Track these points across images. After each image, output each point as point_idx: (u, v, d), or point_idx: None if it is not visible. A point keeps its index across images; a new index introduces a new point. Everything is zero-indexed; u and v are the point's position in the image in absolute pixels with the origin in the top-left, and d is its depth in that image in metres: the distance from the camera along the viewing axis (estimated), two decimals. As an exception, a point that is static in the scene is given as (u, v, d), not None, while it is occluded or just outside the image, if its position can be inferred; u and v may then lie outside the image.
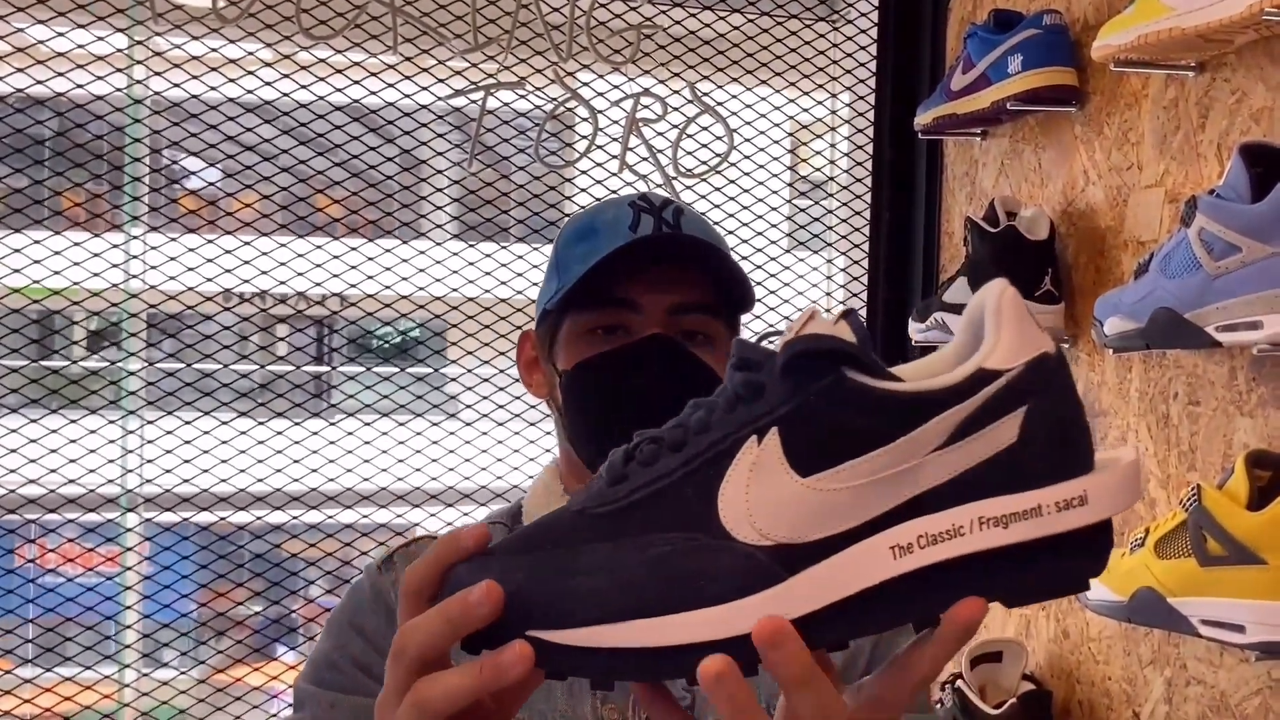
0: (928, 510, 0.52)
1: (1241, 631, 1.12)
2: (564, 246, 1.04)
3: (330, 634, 1.02)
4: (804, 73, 2.09)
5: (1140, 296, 1.28)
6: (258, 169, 1.97)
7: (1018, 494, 0.52)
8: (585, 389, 1.01)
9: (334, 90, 1.92)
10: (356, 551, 2.15)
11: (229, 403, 1.99)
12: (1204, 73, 1.35)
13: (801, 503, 0.52)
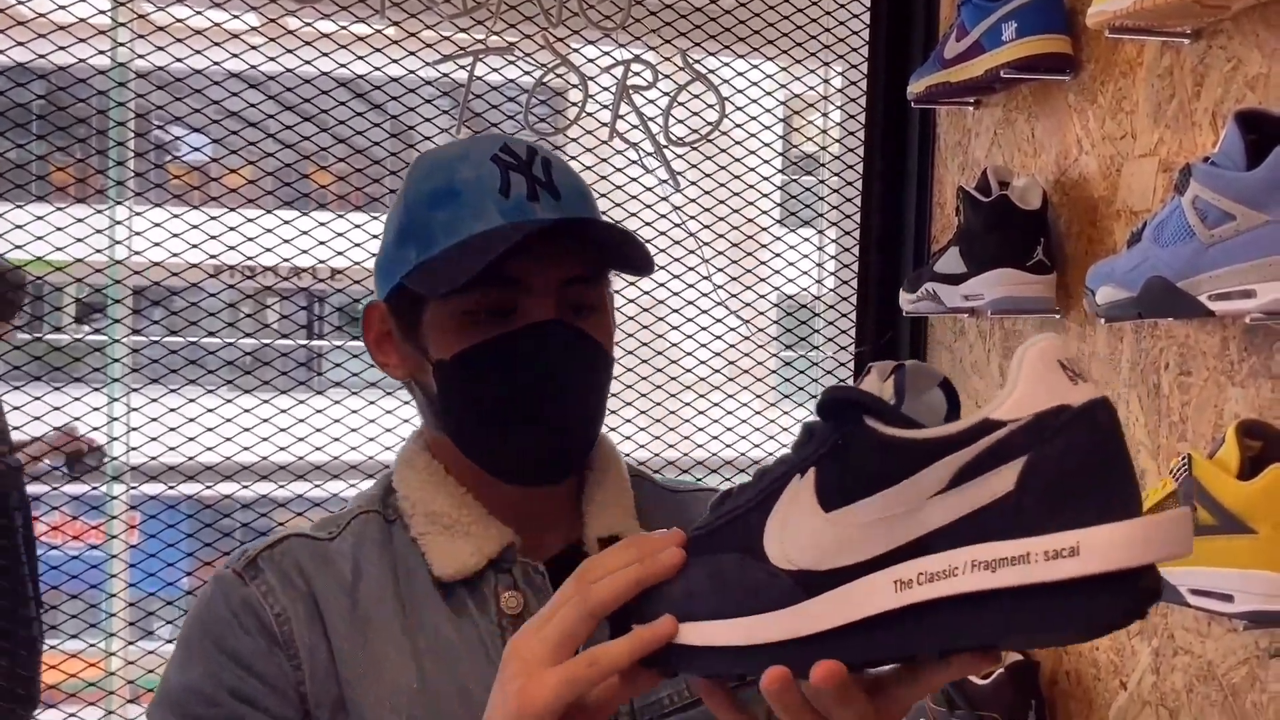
0: (933, 550, 0.57)
1: (1230, 601, 1.12)
2: (419, 208, 0.92)
3: (193, 659, 0.89)
4: (796, 40, 2.07)
5: (1133, 265, 1.27)
6: (248, 140, 1.95)
7: (1010, 540, 0.55)
8: (475, 380, 0.91)
9: (320, 55, 1.90)
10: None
11: (213, 371, 1.98)
12: (1200, 40, 1.34)
13: (823, 535, 0.60)
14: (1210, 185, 1.14)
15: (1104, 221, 1.53)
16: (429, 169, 0.94)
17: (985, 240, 1.62)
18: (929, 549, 0.57)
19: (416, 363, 0.94)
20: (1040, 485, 0.55)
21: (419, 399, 0.97)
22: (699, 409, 2.07)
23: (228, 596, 0.90)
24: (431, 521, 0.94)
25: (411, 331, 0.93)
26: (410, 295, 0.91)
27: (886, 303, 2.03)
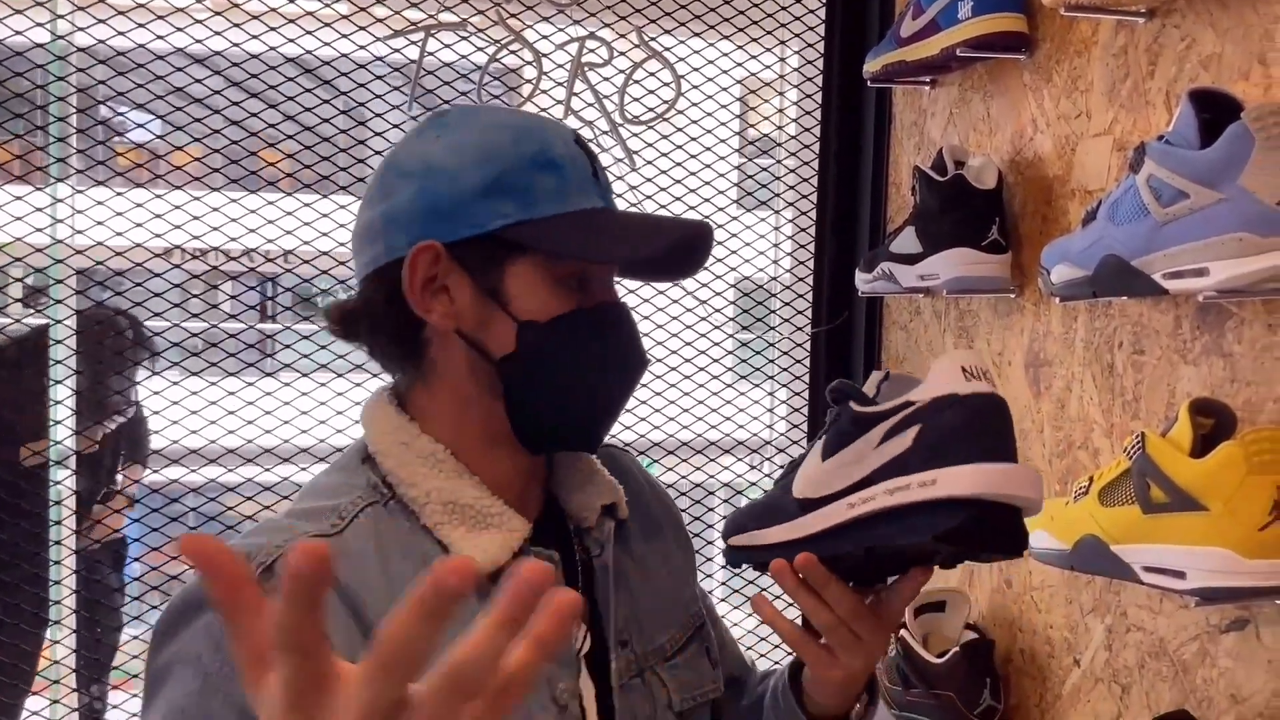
0: (870, 484, 0.89)
1: (1182, 578, 1.13)
2: (520, 167, 0.93)
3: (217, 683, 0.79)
4: (753, 19, 2.05)
5: (1088, 244, 1.27)
6: (200, 120, 1.90)
7: (905, 476, 0.87)
8: (569, 345, 0.93)
9: (267, 28, 1.86)
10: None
11: (159, 353, 1.94)
12: (1154, 19, 1.34)
13: (818, 475, 0.92)
14: (1165, 164, 1.14)
15: (1059, 201, 1.53)
16: (516, 131, 0.95)
17: (941, 220, 1.62)
18: (869, 483, 0.89)
19: (484, 318, 0.93)
20: (926, 443, 0.86)
21: (448, 355, 0.95)
22: (655, 390, 2.05)
23: None
24: (452, 513, 0.92)
25: (488, 283, 0.92)
26: (493, 246, 0.92)
27: (842, 283, 2.03)
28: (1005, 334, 1.64)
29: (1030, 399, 1.58)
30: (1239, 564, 1.09)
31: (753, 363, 2.25)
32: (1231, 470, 1.09)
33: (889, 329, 1.98)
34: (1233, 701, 1.22)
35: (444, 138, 0.95)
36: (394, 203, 0.94)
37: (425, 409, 0.97)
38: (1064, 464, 1.51)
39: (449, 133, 0.96)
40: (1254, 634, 1.19)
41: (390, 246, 0.93)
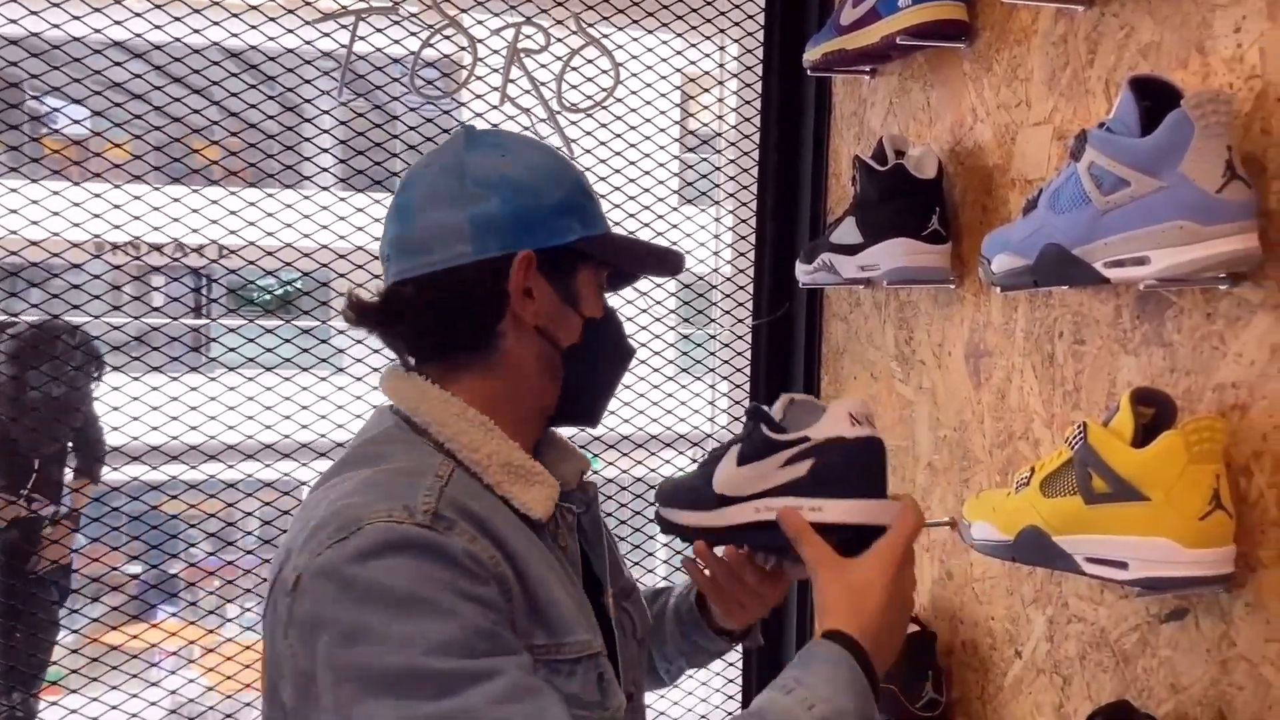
0: (770, 496, 1.12)
1: (1124, 568, 1.12)
2: (578, 193, 1.14)
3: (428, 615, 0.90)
4: (692, 6, 2.02)
5: (1029, 233, 1.26)
6: (129, 111, 1.84)
7: (798, 498, 1.10)
8: (615, 340, 1.19)
9: (189, 13, 1.79)
10: (240, 513, 2.06)
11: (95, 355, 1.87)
12: (1093, 7, 1.34)
13: (735, 478, 1.13)
14: (1106, 151, 1.13)
15: (999, 190, 1.52)
16: (563, 161, 1.17)
17: (881, 210, 1.60)
18: (771, 494, 1.12)
19: (559, 315, 1.12)
20: (817, 475, 1.10)
21: (522, 346, 1.11)
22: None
23: (448, 549, 0.95)
24: (508, 472, 1.08)
25: (564, 287, 1.12)
26: (568, 256, 1.12)
27: (783, 275, 2.01)
28: (945, 324, 1.64)
29: (970, 390, 1.58)
30: (1180, 554, 1.08)
31: (694, 355, 2.22)
32: (1172, 460, 1.08)
33: (829, 320, 1.96)
34: (1172, 691, 1.21)
35: (510, 157, 1.12)
36: (482, 209, 1.08)
37: (472, 387, 1.10)
38: (1004, 454, 1.51)
39: (511, 153, 1.13)
40: (1193, 623, 1.19)
41: (482, 246, 1.08)
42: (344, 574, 0.93)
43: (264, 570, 1.31)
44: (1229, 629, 1.14)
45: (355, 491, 0.99)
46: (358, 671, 0.89)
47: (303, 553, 0.96)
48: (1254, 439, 1.11)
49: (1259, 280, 1.10)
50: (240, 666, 1.95)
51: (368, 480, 1.01)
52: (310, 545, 0.96)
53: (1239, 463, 1.12)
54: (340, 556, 0.93)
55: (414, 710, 0.86)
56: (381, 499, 0.97)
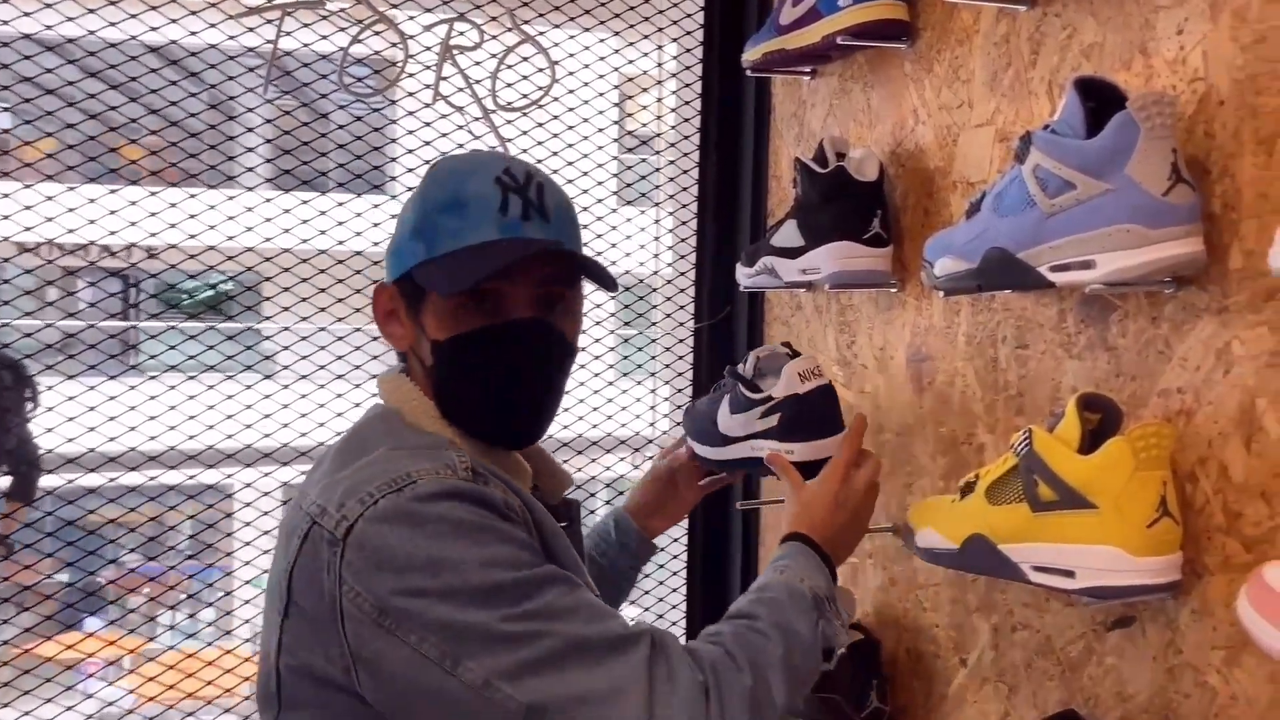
0: (755, 439, 1.47)
1: (1071, 577, 1.11)
2: (431, 212, 1.15)
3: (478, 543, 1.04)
4: (630, 4, 1.98)
5: (972, 236, 1.24)
6: (52, 111, 1.76)
7: (775, 441, 1.44)
8: (463, 362, 1.16)
9: (105, 4, 1.72)
10: (165, 527, 1.99)
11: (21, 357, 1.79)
12: (1035, 8, 1.32)
13: (731, 423, 1.50)
14: (1051, 153, 1.11)
15: (940, 193, 1.51)
16: (445, 177, 1.18)
17: (822, 213, 1.58)
18: (757, 437, 1.47)
19: (416, 338, 1.19)
20: (784, 425, 1.44)
21: (416, 368, 1.20)
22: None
23: (489, 496, 1.08)
24: (486, 456, 1.16)
25: (414, 312, 1.18)
26: (415, 282, 1.16)
27: (724, 277, 1.98)
28: (887, 329, 1.62)
29: (913, 394, 1.56)
30: (1128, 562, 1.07)
31: (635, 359, 2.19)
32: (1120, 467, 1.07)
33: (771, 324, 1.94)
34: (1119, 699, 1.20)
35: (420, 186, 1.19)
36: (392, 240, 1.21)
37: None
38: (947, 460, 1.49)
39: (425, 180, 1.20)
40: (1140, 631, 1.18)
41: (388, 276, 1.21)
42: (413, 514, 1.04)
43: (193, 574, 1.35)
44: (1175, 636, 1.13)
45: (386, 460, 1.09)
46: (450, 593, 1.01)
47: (345, 506, 1.05)
48: (1200, 444, 1.10)
49: (1204, 284, 1.09)
50: (171, 672, 1.89)
51: (392, 453, 1.11)
52: (357, 497, 1.05)
53: (1185, 469, 1.11)
54: (403, 501, 1.04)
55: (508, 612, 1.01)
56: (421, 461, 1.08)
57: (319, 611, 1.05)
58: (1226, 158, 1.07)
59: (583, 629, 1.03)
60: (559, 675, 1.00)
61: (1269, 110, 1.03)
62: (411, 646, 1.01)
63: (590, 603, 1.08)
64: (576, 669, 1.01)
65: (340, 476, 1.09)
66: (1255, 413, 1.04)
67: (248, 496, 1.95)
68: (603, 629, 1.05)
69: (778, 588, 1.20)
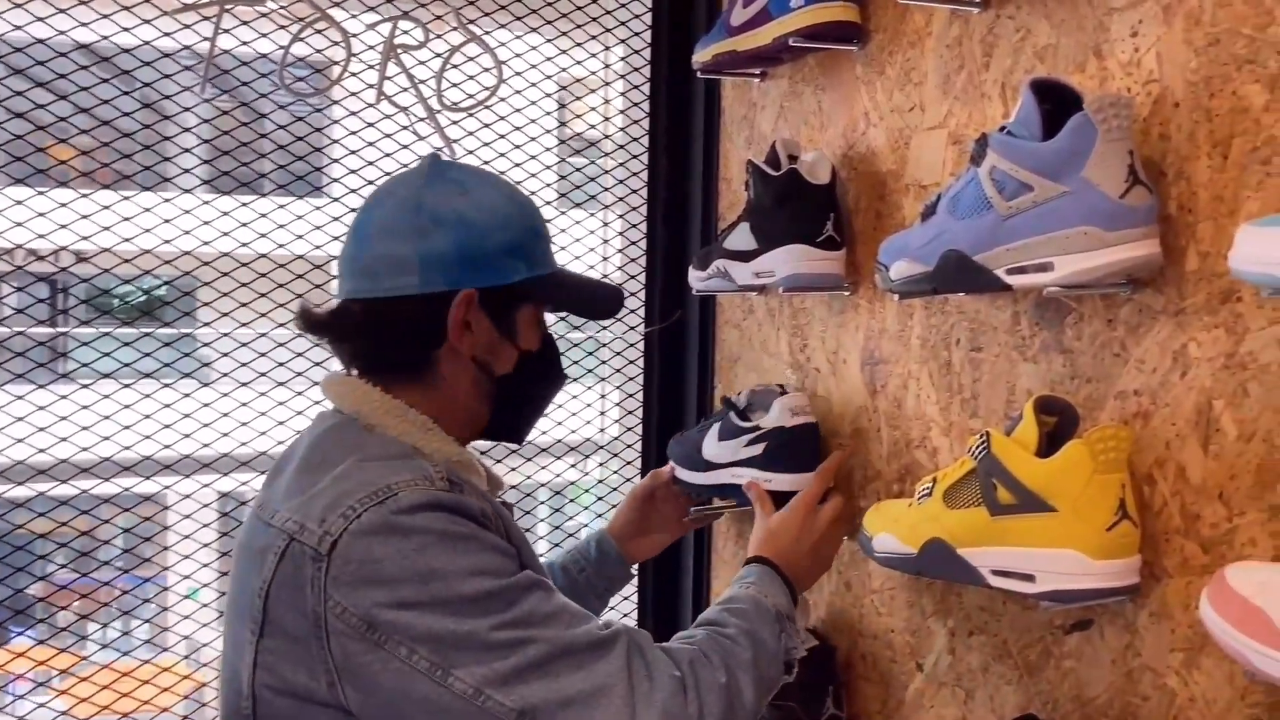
0: (742, 465, 1.56)
1: (1031, 581, 1.10)
2: (527, 234, 1.24)
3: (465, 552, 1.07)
4: (577, 4, 1.96)
5: (929, 239, 1.24)
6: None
7: (755, 469, 1.54)
8: (548, 370, 1.30)
9: (42, 5, 1.65)
10: (98, 541, 1.93)
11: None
12: (988, 9, 1.32)
13: (717, 449, 1.58)
14: (1008, 156, 1.11)
15: (893, 196, 1.50)
16: (522, 204, 1.27)
17: (775, 216, 1.57)
18: (739, 465, 1.56)
19: (495, 347, 1.22)
20: (769, 454, 1.53)
21: (456, 372, 1.21)
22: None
23: (467, 505, 1.10)
24: (453, 465, 1.17)
25: (503, 322, 1.22)
26: (510, 294, 1.22)
27: (675, 281, 1.96)
28: (840, 332, 1.61)
29: (866, 398, 1.55)
30: (1088, 565, 1.07)
31: (585, 364, 2.16)
32: (1079, 470, 1.06)
33: (723, 328, 1.92)
34: (1078, 703, 1.20)
35: (469, 195, 1.21)
36: (432, 245, 1.18)
37: (411, 399, 1.20)
38: (901, 463, 1.48)
39: (471, 191, 1.22)
40: (1098, 633, 1.18)
41: (427, 281, 1.17)
42: (397, 526, 1.05)
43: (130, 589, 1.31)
44: (1134, 639, 1.13)
45: (360, 471, 1.10)
46: (439, 603, 1.03)
47: (327, 521, 1.05)
48: (1157, 447, 1.10)
49: (1160, 286, 1.09)
50: (104, 687, 1.82)
51: (365, 464, 1.11)
52: (339, 511, 1.06)
53: (1142, 471, 1.11)
54: (386, 514, 1.05)
55: (498, 619, 1.03)
56: (396, 473, 1.09)
57: (300, 629, 1.05)
58: (1182, 160, 1.07)
59: (565, 633, 1.07)
60: (546, 680, 1.04)
61: (1223, 113, 1.03)
62: (401, 659, 1.02)
63: (567, 606, 1.11)
64: (563, 673, 1.04)
65: (316, 491, 1.09)
66: (1212, 414, 1.05)
67: (183, 507, 1.89)
68: (583, 632, 1.08)
69: (744, 600, 1.26)
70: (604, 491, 2.15)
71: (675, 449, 1.68)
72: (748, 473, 1.54)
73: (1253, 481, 1.01)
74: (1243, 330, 1.02)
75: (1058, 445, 1.10)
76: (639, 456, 2.07)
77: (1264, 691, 1.00)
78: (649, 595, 2.03)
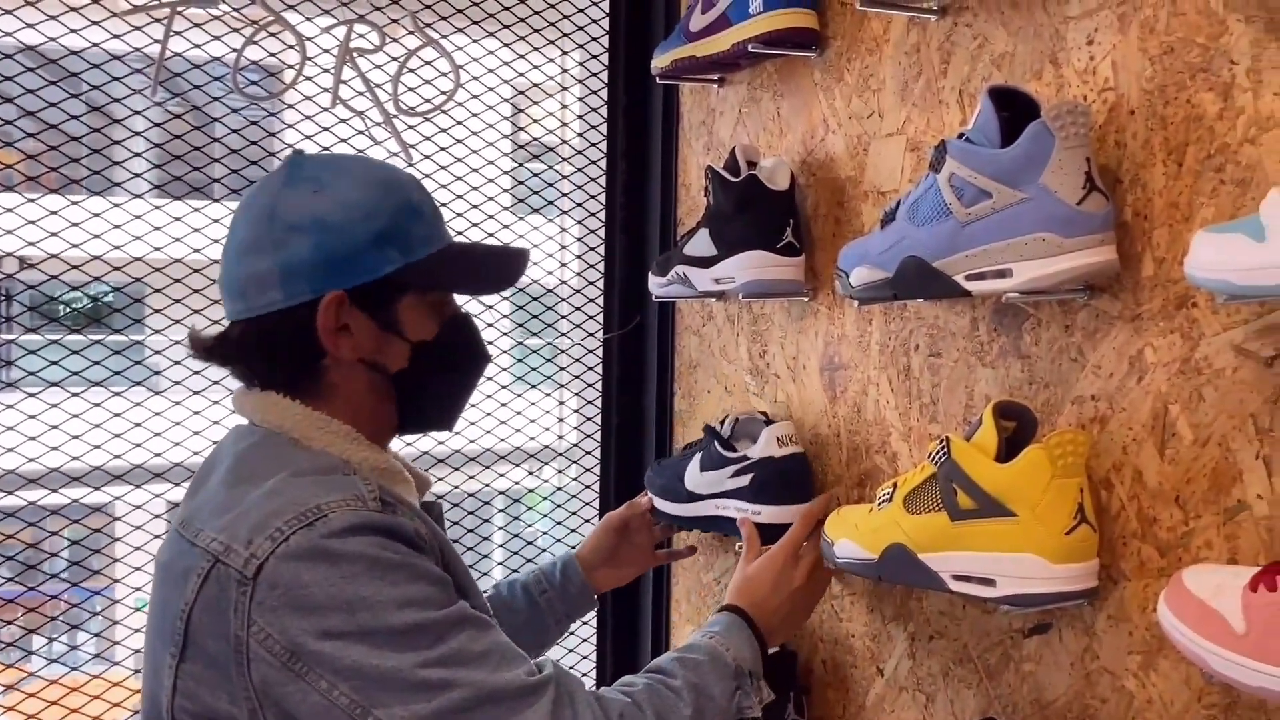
0: (721, 498, 1.53)
1: (992, 585, 1.10)
2: (398, 217, 1.15)
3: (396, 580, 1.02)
4: (535, 9, 1.95)
5: (888, 245, 1.24)
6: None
7: (742, 502, 1.50)
8: (451, 355, 1.21)
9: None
10: (45, 554, 1.88)
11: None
12: (946, 17, 1.33)
13: (700, 480, 1.53)
14: (967, 162, 1.11)
15: (851, 202, 1.51)
16: (385, 185, 1.17)
17: (735, 222, 1.57)
18: (723, 496, 1.52)
19: (382, 344, 1.16)
20: (756, 486, 1.48)
21: (347, 378, 1.16)
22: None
23: (400, 527, 1.06)
24: (380, 475, 1.14)
25: (385, 317, 1.15)
26: (387, 286, 1.14)
27: (634, 287, 1.96)
28: (799, 338, 1.61)
29: (826, 403, 1.55)
30: (1047, 569, 1.07)
31: (543, 370, 2.15)
32: (1038, 475, 1.07)
33: (682, 334, 1.92)
34: (1037, 706, 1.21)
35: (325, 192, 1.14)
36: (290, 254, 1.12)
37: (326, 410, 1.16)
38: (861, 468, 1.49)
39: (327, 187, 1.14)
40: (1056, 636, 1.18)
41: (292, 293, 1.12)
42: (327, 551, 1.00)
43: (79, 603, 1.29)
44: (1092, 642, 1.14)
45: (289, 488, 1.05)
46: (366, 635, 0.99)
47: (254, 544, 1.01)
48: (1114, 451, 1.11)
49: (1116, 292, 1.10)
50: (49, 698, 1.78)
51: (293, 481, 1.07)
52: (266, 533, 1.01)
53: (1100, 475, 1.12)
54: (315, 537, 1.00)
55: (424, 656, 1.00)
56: (327, 491, 1.04)
57: (222, 654, 1.01)
58: (1138, 167, 1.08)
59: (491, 677, 1.03)
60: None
61: (1178, 120, 1.05)
62: (321, 693, 0.98)
63: (499, 645, 1.07)
64: (485, 718, 1.01)
65: (243, 509, 1.05)
66: (1168, 419, 1.06)
67: (133, 518, 1.85)
68: (511, 677, 1.04)
69: (701, 649, 1.22)
70: (562, 499, 2.14)
71: (654, 480, 1.63)
72: (733, 504, 1.50)
73: (1208, 485, 1.02)
74: (1198, 335, 1.03)
75: (1017, 450, 1.10)
76: (598, 463, 2.06)
77: (1220, 693, 1.01)
78: (607, 642, 2.02)
